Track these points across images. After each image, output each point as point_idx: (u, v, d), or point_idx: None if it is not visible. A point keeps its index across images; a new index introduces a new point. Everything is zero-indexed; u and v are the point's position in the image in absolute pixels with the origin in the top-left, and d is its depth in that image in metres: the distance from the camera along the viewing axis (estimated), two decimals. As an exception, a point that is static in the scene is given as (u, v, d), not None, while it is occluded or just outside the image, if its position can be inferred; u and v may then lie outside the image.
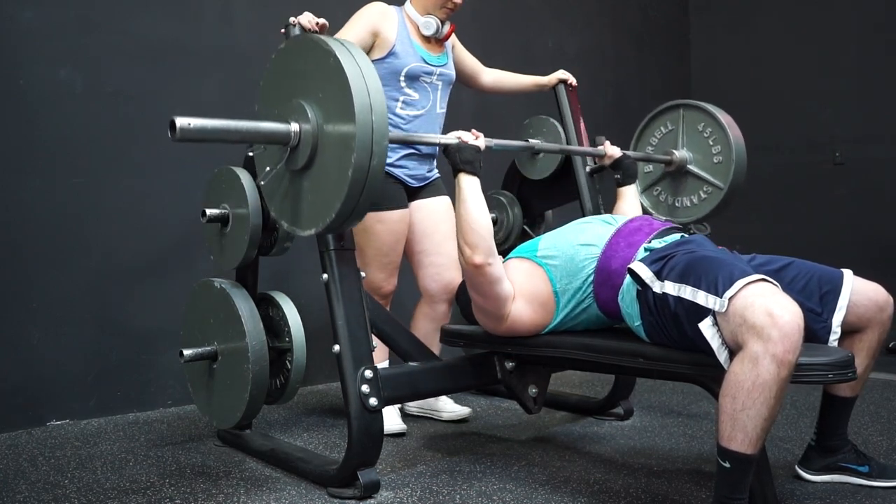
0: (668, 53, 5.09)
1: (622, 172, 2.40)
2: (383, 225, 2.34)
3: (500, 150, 2.06)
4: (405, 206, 2.41)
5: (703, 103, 2.68)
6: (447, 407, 2.58)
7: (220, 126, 1.50)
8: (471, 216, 1.84)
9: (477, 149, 1.91)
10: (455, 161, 1.88)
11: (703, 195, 2.66)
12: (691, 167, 2.68)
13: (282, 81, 1.67)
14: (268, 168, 1.65)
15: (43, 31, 2.53)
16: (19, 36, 2.49)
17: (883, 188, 4.30)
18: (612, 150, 2.43)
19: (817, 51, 4.56)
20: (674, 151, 2.69)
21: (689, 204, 2.70)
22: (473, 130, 1.97)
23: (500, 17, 3.91)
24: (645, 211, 2.68)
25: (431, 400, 2.59)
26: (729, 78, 4.98)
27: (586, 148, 2.46)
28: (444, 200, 2.53)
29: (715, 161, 2.62)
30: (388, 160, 2.35)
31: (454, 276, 2.53)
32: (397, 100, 2.35)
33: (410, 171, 2.42)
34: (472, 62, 2.64)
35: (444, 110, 2.49)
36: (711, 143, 2.63)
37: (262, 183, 1.69)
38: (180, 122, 1.43)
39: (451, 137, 1.93)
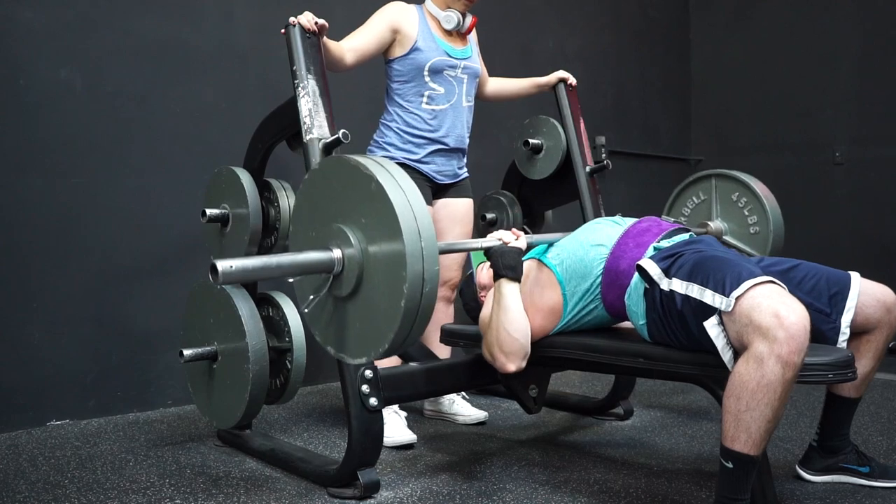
0: (668, 53, 5.09)
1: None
2: None
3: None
4: (430, 204, 2.41)
5: (737, 173, 2.64)
6: (463, 411, 2.57)
7: (262, 264, 1.41)
8: (511, 325, 1.80)
9: (519, 251, 1.87)
10: (497, 266, 1.84)
11: None
12: (727, 238, 2.66)
13: (317, 205, 1.55)
14: (311, 297, 1.54)
15: (43, 31, 2.53)
16: (19, 36, 2.49)
17: (883, 188, 4.29)
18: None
19: (817, 51, 4.56)
20: (709, 223, 2.66)
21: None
22: (514, 230, 1.94)
23: (500, 18, 3.91)
24: None
25: (447, 404, 2.59)
26: (729, 78, 4.98)
27: None
28: (467, 203, 2.54)
29: (752, 231, 2.59)
30: (416, 156, 2.37)
31: (453, 276, 2.54)
32: (423, 95, 2.35)
33: (438, 167, 2.42)
34: (482, 70, 2.63)
35: (472, 103, 2.49)
36: (747, 213, 2.60)
37: (306, 310, 1.58)
38: (222, 265, 1.33)
39: (493, 240, 1.89)
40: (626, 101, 4.75)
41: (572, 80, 2.77)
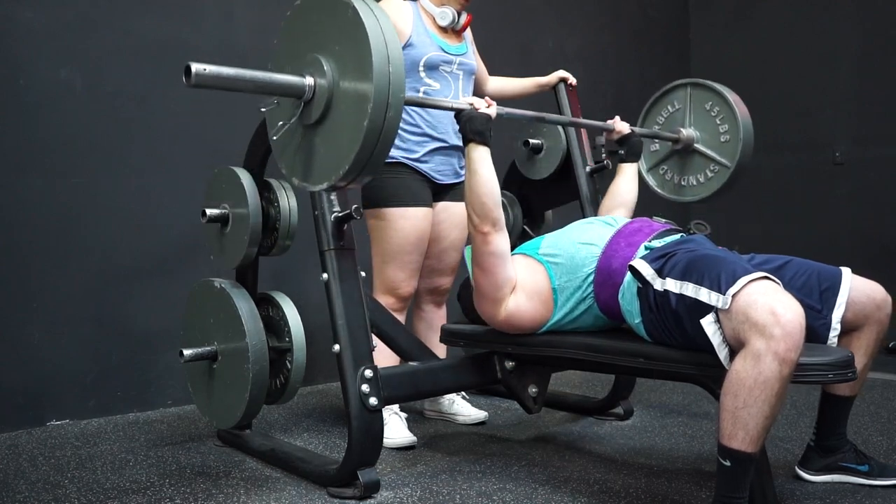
0: (668, 53, 5.09)
1: (627, 149, 2.38)
2: (407, 221, 2.32)
3: (509, 118, 2.05)
4: (430, 205, 2.39)
5: (711, 82, 2.65)
6: (463, 411, 2.57)
7: (235, 74, 1.48)
8: (481, 187, 1.84)
9: (488, 118, 1.90)
10: (465, 131, 1.88)
11: (709, 174, 2.64)
12: (698, 146, 2.65)
13: (298, 36, 1.63)
14: (280, 123, 1.62)
15: (43, 31, 2.53)
16: (19, 36, 2.49)
17: (883, 188, 4.29)
18: (621, 126, 2.39)
19: (817, 50, 4.56)
20: (681, 130, 2.66)
21: (695, 182, 2.68)
22: (487, 98, 1.96)
23: (500, 17, 3.91)
24: (647, 191, 2.67)
25: (447, 404, 2.59)
26: (729, 78, 4.94)
27: (595, 122, 2.44)
28: (464, 207, 2.53)
29: (722, 140, 2.60)
30: (414, 155, 2.35)
31: (444, 283, 2.54)
32: (418, 90, 2.33)
33: (437, 166, 2.40)
34: (481, 68, 2.63)
35: None
36: (719, 122, 2.60)
37: (275, 138, 1.65)
38: (196, 67, 1.41)
39: (464, 103, 1.92)
40: (626, 101, 4.75)
41: (572, 80, 2.76)
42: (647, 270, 1.63)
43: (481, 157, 1.87)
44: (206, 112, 2.89)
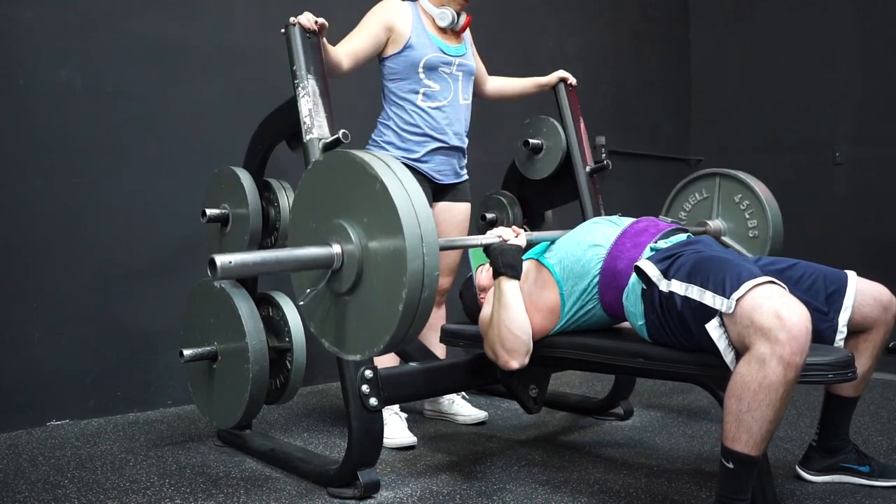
0: (668, 53, 5.09)
1: None
2: None
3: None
4: (430, 206, 2.39)
5: (742, 174, 2.63)
6: (463, 411, 2.57)
7: (261, 259, 1.41)
8: (513, 323, 1.80)
9: (519, 249, 1.86)
10: (497, 265, 1.83)
11: None
12: (725, 238, 2.65)
13: (319, 199, 1.54)
14: (308, 290, 1.53)
15: (43, 31, 2.53)
16: (19, 36, 2.49)
17: (883, 188, 4.29)
18: None
19: (817, 50, 4.56)
20: (707, 222, 2.66)
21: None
22: (514, 227, 1.92)
23: (500, 17, 3.91)
24: None
25: (447, 404, 2.59)
26: (729, 78, 4.98)
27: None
28: (466, 207, 2.54)
29: (750, 235, 2.59)
30: (415, 155, 2.35)
31: (444, 283, 2.54)
32: (418, 91, 2.34)
33: (437, 166, 2.40)
34: (481, 68, 2.63)
35: (469, 101, 2.48)
36: (748, 216, 2.59)
37: (302, 304, 1.58)
38: (220, 260, 1.34)
39: (492, 237, 1.89)
40: (626, 101, 4.75)
41: (572, 80, 2.76)
42: (652, 271, 1.63)
43: (513, 291, 1.82)
44: (206, 112, 2.89)
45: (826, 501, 1.75)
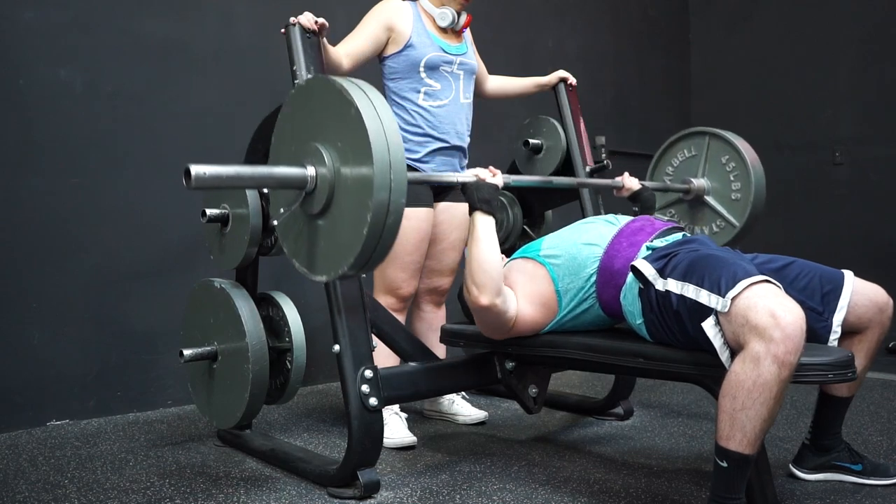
0: (668, 53, 5.09)
1: (640, 205, 2.36)
2: (408, 222, 2.29)
3: (518, 185, 2.07)
4: (431, 206, 2.39)
5: (732, 136, 2.62)
6: (463, 411, 2.57)
7: (235, 172, 1.46)
8: (482, 256, 1.81)
9: (495, 187, 1.88)
10: (473, 200, 1.86)
11: (715, 228, 2.61)
12: (708, 198, 2.64)
13: (298, 122, 1.60)
14: (282, 209, 1.59)
15: (43, 31, 2.53)
16: (19, 36, 2.49)
17: (883, 188, 4.30)
18: (630, 182, 2.37)
19: (817, 51, 4.57)
20: (692, 180, 2.64)
21: (699, 233, 2.67)
22: (491, 168, 1.94)
23: (500, 17, 3.91)
24: None
25: (447, 404, 2.59)
26: (729, 78, 4.99)
27: (604, 181, 2.44)
28: (466, 207, 2.52)
29: (733, 197, 2.57)
30: (415, 156, 2.34)
31: (444, 283, 2.54)
32: (419, 91, 2.33)
33: (438, 167, 2.39)
34: (481, 67, 2.63)
35: (470, 100, 2.48)
36: (733, 178, 2.58)
37: (276, 223, 1.64)
38: (195, 170, 1.38)
39: (469, 175, 1.91)
40: (626, 101, 4.75)
41: (572, 80, 2.77)
42: (648, 270, 1.63)
43: (486, 226, 1.84)
44: (206, 112, 2.89)
45: (825, 501, 1.75)
